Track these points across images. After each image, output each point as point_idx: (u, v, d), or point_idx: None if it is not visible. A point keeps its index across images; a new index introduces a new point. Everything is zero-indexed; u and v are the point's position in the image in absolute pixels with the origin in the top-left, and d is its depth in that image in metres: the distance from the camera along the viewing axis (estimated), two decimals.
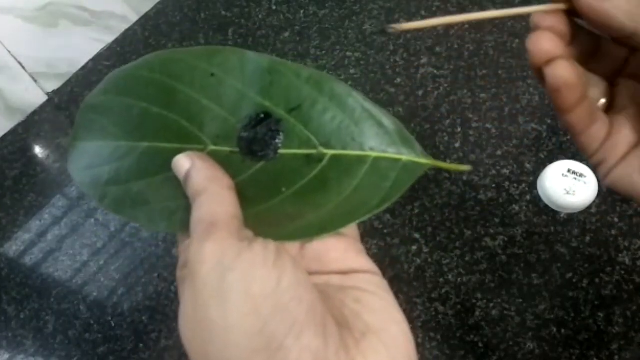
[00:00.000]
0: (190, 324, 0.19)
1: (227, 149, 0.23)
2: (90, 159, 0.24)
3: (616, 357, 0.44)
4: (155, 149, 0.24)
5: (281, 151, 0.23)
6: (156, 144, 0.24)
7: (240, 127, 0.23)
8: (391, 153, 0.23)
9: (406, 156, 0.23)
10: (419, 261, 0.49)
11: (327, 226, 0.22)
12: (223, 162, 0.23)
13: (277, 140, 0.23)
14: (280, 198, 0.23)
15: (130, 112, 0.24)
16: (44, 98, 0.63)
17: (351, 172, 0.23)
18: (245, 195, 0.22)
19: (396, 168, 0.22)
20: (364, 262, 0.24)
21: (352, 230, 0.25)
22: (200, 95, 0.23)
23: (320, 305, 0.20)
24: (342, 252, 0.24)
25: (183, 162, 0.22)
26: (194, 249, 0.20)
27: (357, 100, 0.23)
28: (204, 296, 0.19)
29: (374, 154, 0.23)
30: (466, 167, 0.25)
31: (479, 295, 0.47)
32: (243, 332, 0.18)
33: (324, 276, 0.23)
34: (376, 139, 0.23)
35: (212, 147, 0.23)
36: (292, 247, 0.23)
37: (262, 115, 0.23)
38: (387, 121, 0.23)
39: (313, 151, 0.23)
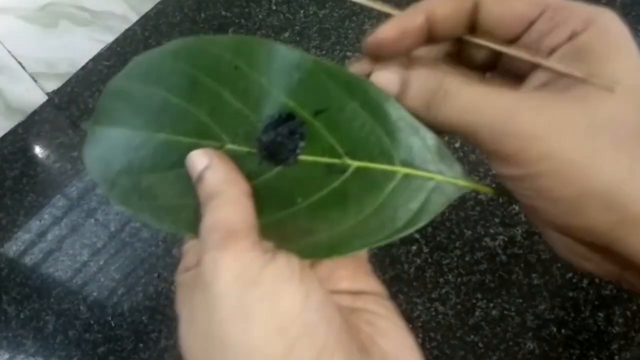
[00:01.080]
0: (201, 342, 0.18)
1: (245, 148, 0.21)
2: (106, 145, 0.23)
3: (616, 357, 0.44)
4: (171, 142, 0.22)
5: (301, 157, 0.21)
6: (172, 137, 0.22)
7: (261, 127, 0.21)
8: (424, 170, 0.20)
9: (441, 176, 0.20)
10: (419, 261, 0.49)
11: (340, 247, 0.20)
12: (238, 162, 0.21)
13: (298, 145, 0.21)
14: (294, 209, 0.21)
15: (150, 100, 0.22)
16: (44, 98, 0.63)
17: (376, 188, 0.20)
18: (259, 201, 0.21)
19: (427, 188, 0.20)
20: (373, 283, 0.23)
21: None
22: (222, 88, 0.21)
23: (346, 328, 0.19)
24: (352, 271, 0.23)
25: (199, 160, 0.21)
26: (208, 258, 0.18)
27: (393, 108, 0.20)
28: (222, 313, 0.17)
29: (404, 170, 0.20)
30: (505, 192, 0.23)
31: (479, 295, 0.47)
32: (266, 356, 0.17)
33: (335, 296, 0.21)
34: (409, 153, 0.20)
35: (229, 146, 0.22)
36: (305, 262, 0.22)
37: (285, 116, 0.21)
38: (427, 134, 0.20)
39: (336, 161, 0.21)
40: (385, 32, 0.19)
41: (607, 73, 0.17)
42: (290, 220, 0.21)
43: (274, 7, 0.66)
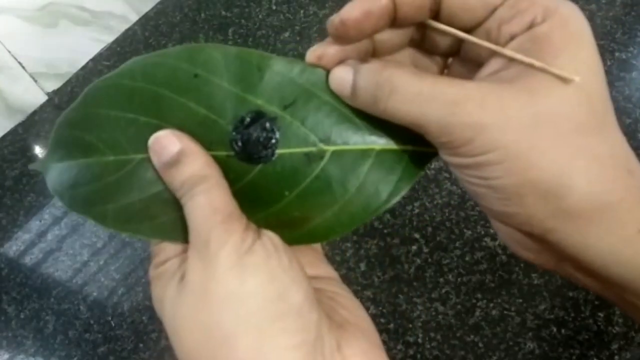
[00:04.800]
0: (195, 306, 0.19)
1: (223, 153, 0.22)
2: (74, 179, 0.22)
3: (616, 357, 0.44)
4: (150, 160, 0.22)
5: (279, 151, 0.22)
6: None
7: (232, 129, 0.22)
8: (396, 144, 0.21)
9: (411, 146, 0.21)
10: (419, 261, 0.49)
11: (335, 228, 0.22)
12: (221, 166, 0.22)
13: (273, 140, 0.22)
14: (284, 202, 0.22)
15: (118, 124, 0.22)
16: (44, 98, 0.63)
17: (355, 168, 0.21)
18: (249, 201, 0.22)
19: (403, 159, 0.21)
20: (328, 269, 0.25)
21: None
22: (186, 98, 0.22)
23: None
24: (311, 259, 0.24)
25: (170, 142, 0.21)
26: (215, 236, 0.19)
27: None
28: (220, 271, 0.19)
29: (377, 147, 0.21)
30: None
31: (479, 295, 0.47)
32: (262, 298, 0.19)
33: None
34: (379, 131, 0.21)
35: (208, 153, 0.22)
36: None
37: (255, 115, 0.22)
38: None
39: (312, 149, 0.22)
40: (349, 12, 0.19)
41: (560, 65, 0.17)
42: (284, 212, 0.22)
43: (274, 7, 0.66)
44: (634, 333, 0.45)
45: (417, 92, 0.18)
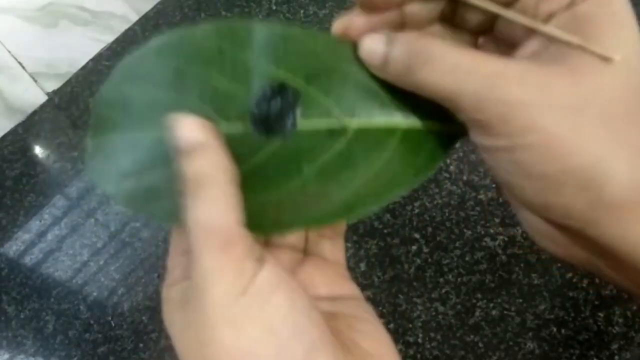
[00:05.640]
0: (195, 348, 0.18)
1: (241, 127, 0.21)
2: (106, 154, 0.22)
3: (616, 357, 0.44)
4: (165, 137, 0.21)
5: (301, 126, 0.20)
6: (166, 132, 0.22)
7: (253, 102, 0.20)
8: (423, 123, 0.20)
9: (440, 125, 0.20)
10: (419, 261, 0.49)
11: (356, 206, 0.20)
12: (237, 142, 0.20)
13: (295, 113, 0.20)
14: (302, 178, 0.20)
15: (140, 100, 0.22)
16: (44, 98, 0.63)
17: (380, 146, 0.20)
18: (265, 178, 0.21)
19: (429, 139, 0.20)
20: (351, 287, 0.23)
21: (339, 255, 0.24)
22: (208, 72, 0.21)
23: (330, 330, 0.19)
24: (331, 277, 0.23)
25: (192, 131, 0.19)
26: (204, 266, 0.17)
27: None
28: (214, 319, 0.17)
29: (403, 125, 0.20)
30: None
31: (479, 295, 0.47)
32: (259, 356, 0.17)
33: (315, 301, 0.22)
34: (406, 108, 0.20)
35: (224, 125, 0.21)
36: (288, 269, 0.22)
37: (278, 87, 0.20)
38: None
39: (336, 123, 0.20)
40: None
41: (604, 45, 0.16)
42: (301, 189, 0.20)
43: (274, 7, 0.66)
44: (634, 333, 0.45)
45: (454, 64, 0.17)
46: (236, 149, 0.20)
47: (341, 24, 0.20)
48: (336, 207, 0.20)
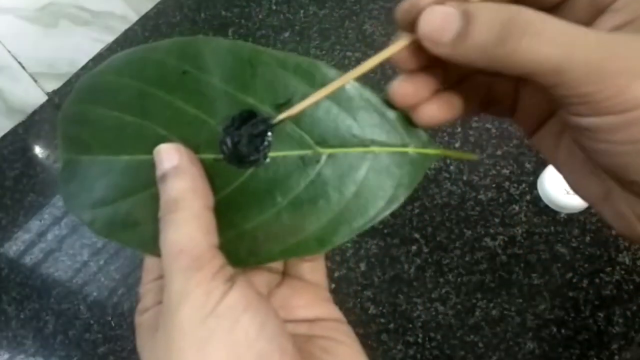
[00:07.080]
0: None
1: (211, 156, 0.20)
2: (78, 178, 0.22)
3: (616, 357, 0.44)
4: (135, 162, 0.21)
5: (272, 154, 0.20)
6: (135, 157, 0.21)
7: (222, 131, 0.20)
8: (395, 146, 0.20)
9: (412, 148, 0.20)
10: (419, 261, 0.49)
11: (330, 238, 0.20)
12: (208, 170, 0.20)
13: (265, 142, 0.20)
14: (276, 209, 0.20)
15: (104, 122, 0.21)
16: (44, 98, 0.63)
17: (352, 172, 0.20)
18: (238, 208, 0.20)
19: (403, 163, 0.20)
20: (331, 309, 0.23)
21: (319, 277, 0.24)
22: (173, 96, 0.20)
23: (299, 357, 0.18)
24: (310, 299, 0.22)
25: (167, 156, 0.19)
26: (174, 287, 0.17)
27: (353, 89, 0.20)
28: (181, 342, 0.17)
29: (376, 149, 0.20)
30: (473, 156, 0.24)
31: (479, 295, 0.47)
32: None
33: (291, 324, 0.22)
34: (378, 131, 0.20)
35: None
36: (262, 291, 0.22)
37: (247, 115, 0.20)
38: (386, 109, 0.20)
39: (308, 151, 0.20)
40: None
41: None
42: (275, 220, 0.20)
43: (274, 7, 0.66)
44: (634, 333, 0.45)
45: (561, 32, 0.15)
46: (207, 178, 0.20)
47: (405, 5, 0.18)
48: (311, 239, 0.20)
